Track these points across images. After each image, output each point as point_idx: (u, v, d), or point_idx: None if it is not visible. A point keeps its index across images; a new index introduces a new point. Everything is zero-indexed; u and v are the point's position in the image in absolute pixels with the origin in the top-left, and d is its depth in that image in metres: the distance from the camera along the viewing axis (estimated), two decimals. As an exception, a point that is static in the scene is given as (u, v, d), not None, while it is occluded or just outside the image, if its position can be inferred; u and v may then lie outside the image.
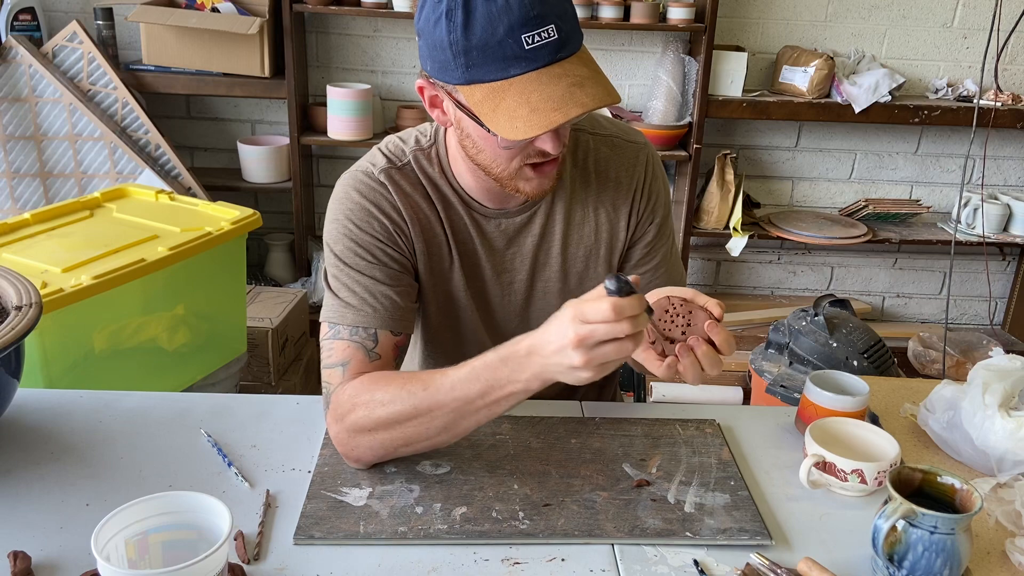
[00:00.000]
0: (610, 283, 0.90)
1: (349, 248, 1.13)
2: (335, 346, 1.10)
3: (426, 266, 1.20)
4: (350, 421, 1.03)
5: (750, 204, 3.11)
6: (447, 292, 1.23)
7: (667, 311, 1.03)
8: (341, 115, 2.78)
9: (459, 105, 1.03)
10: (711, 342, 1.00)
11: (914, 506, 0.87)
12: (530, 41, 0.95)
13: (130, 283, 1.72)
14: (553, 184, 1.12)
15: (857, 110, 2.81)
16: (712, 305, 1.01)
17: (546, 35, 0.95)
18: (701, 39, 2.77)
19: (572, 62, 0.98)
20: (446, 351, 1.28)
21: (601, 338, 0.89)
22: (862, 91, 2.81)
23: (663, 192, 1.27)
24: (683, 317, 1.02)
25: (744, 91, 2.87)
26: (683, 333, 1.01)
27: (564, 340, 0.89)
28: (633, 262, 1.27)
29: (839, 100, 2.85)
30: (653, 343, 1.03)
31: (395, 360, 1.13)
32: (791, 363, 2.29)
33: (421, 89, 1.08)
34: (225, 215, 2.03)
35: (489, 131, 1.00)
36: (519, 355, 0.94)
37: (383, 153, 1.19)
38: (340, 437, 1.04)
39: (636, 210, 1.25)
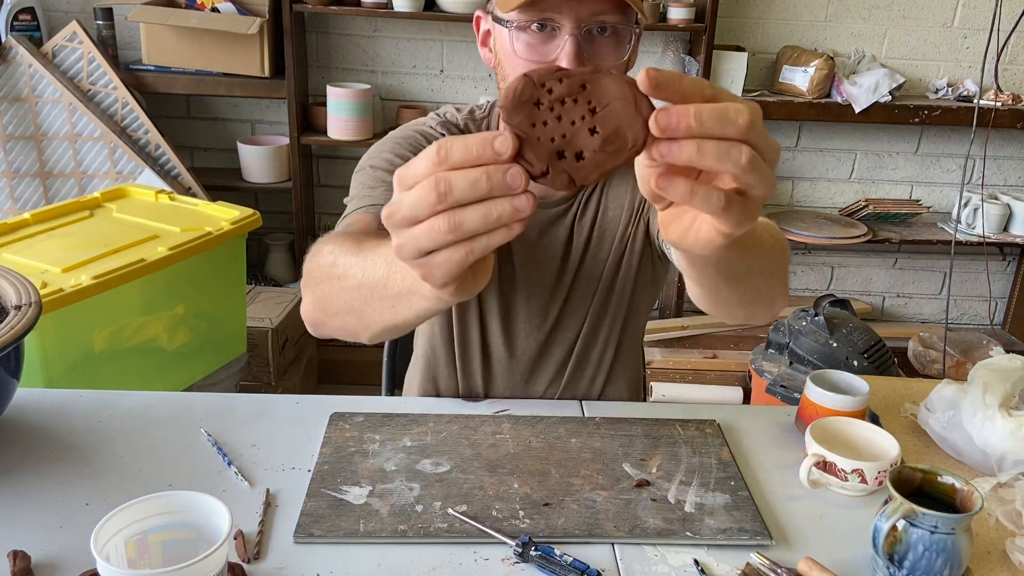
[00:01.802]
0: None
1: (386, 159, 1.11)
2: (350, 217, 1.05)
3: None
4: (305, 265, 0.97)
5: (750, 204, 3.11)
6: None
7: (538, 103, 0.58)
8: (341, 115, 2.78)
9: (489, 13, 1.06)
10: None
11: (914, 506, 0.87)
12: None
13: (130, 283, 1.72)
14: None
15: (857, 110, 2.81)
16: (644, 71, 0.57)
17: None
18: (701, 39, 2.77)
19: None
20: (455, 334, 1.27)
21: (406, 213, 0.60)
22: (862, 91, 2.81)
23: None
24: (579, 104, 0.58)
25: (744, 91, 2.87)
26: (594, 132, 0.58)
27: (383, 215, 0.65)
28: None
29: (839, 100, 2.85)
30: (543, 175, 0.59)
31: None
32: (791, 363, 2.29)
33: (478, 20, 1.12)
34: (225, 215, 2.03)
35: (504, 23, 1.01)
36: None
37: (438, 115, 1.21)
38: (301, 285, 0.99)
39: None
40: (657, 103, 0.57)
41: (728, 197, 0.58)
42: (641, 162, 0.60)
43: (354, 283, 0.86)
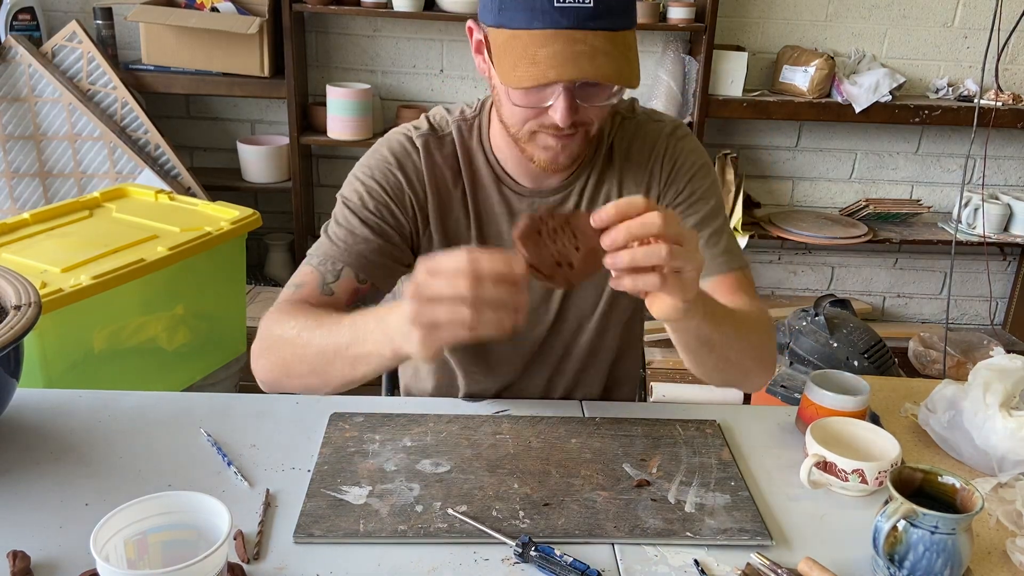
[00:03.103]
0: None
1: (357, 191, 1.15)
2: (301, 269, 1.15)
3: (440, 240, 1.19)
4: (260, 331, 1.09)
5: (750, 204, 3.11)
6: None
7: (539, 232, 0.86)
8: (341, 115, 2.78)
9: (485, 44, 1.05)
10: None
11: (915, 506, 0.87)
12: (560, 0, 0.94)
13: (130, 283, 1.72)
14: (568, 161, 1.10)
15: (857, 110, 2.81)
16: (594, 213, 0.85)
17: (578, 0, 0.94)
18: (701, 39, 2.77)
19: (598, 36, 0.96)
20: None
21: (433, 293, 0.81)
22: (862, 91, 2.81)
23: (690, 163, 1.20)
24: (566, 233, 0.86)
25: (744, 91, 2.87)
26: (578, 249, 0.86)
27: (409, 292, 0.83)
28: None
29: (839, 100, 2.85)
30: (549, 278, 0.87)
31: (349, 306, 1.12)
32: (791, 363, 2.29)
33: (471, 31, 1.11)
34: (225, 215, 2.03)
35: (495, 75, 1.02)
36: (382, 311, 0.93)
37: (428, 120, 1.21)
38: (253, 349, 1.10)
39: (658, 181, 1.20)
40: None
41: (662, 277, 0.83)
42: (607, 263, 0.85)
43: (317, 350, 1.01)
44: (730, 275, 1.17)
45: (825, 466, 1.05)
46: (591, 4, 0.95)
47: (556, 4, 0.95)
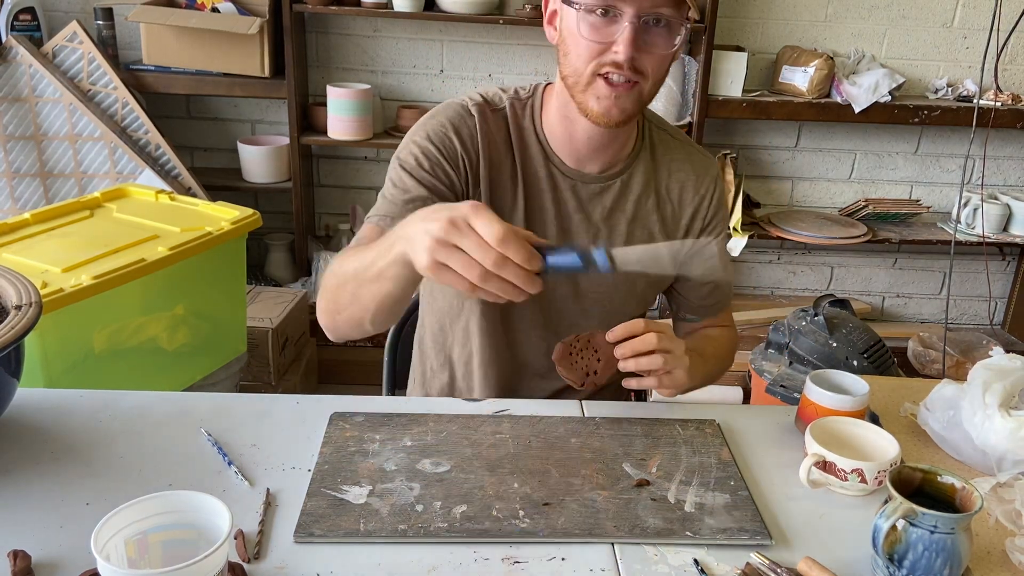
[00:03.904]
0: (565, 250, 0.91)
1: (412, 154, 1.21)
2: (363, 227, 1.20)
3: (488, 202, 1.23)
4: (320, 284, 1.16)
5: (750, 204, 3.11)
6: None
7: (571, 354, 1.14)
8: (341, 115, 2.78)
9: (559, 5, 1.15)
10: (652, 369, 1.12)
11: (914, 505, 0.87)
12: None
13: (130, 283, 1.72)
14: (621, 116, 1.15)
15: (857, 110, 2.81)
16: (608, 332, 1.12)
17: None
18: (701, 39, 2.77)
19: None
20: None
21: (459, 242, 0.87)
22: (862, 91, 2.81)
23: (726, 208, 1.36)
24: (589, 350, 1.14)
25: (744, 91, 2.87)
26: (599, 361, 1.13)
27: (441, 215, 0.89)
28: (694, 281, 1.35)
29: (839, 100, 2.85)
30: (582, 385, 1.14)
31: None
32: (791, 363, 2.29)
33: (546, 1, 1.20)
34: (225, 215, 2.03)
35: (573, 4, 1.10)
36: (406, 221, 0.95)
37: (481, 94, 1.27)
38: (317, 303, 1.16)
39: (701, 216, 1.32)
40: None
41: (659, 377, 1.14)
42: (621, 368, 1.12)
43: (353, 272, 1.05)
44: (720, 315, 1.42)
45: (824, 466, 1.05)
46: None
47: None
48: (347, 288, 1.07)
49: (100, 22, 2.77)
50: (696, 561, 0.93)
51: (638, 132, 1.29)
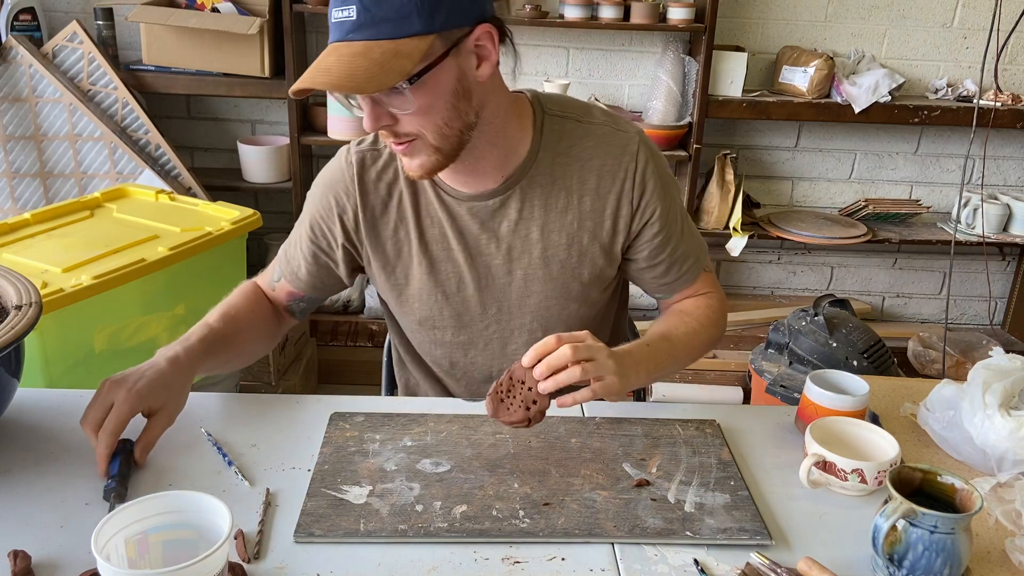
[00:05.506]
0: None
1: (304, 212, 1.32)
2: (273, 261, 1.40)
3: (378, 245, 1.26)
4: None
5: (750, 204, 3.11)
6: (407, 273, 1.27)
7: (503, 400, 1.07)
8: (341, 115, 2.78)
9: None
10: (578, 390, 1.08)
11: (914, 505, 0.87)
12: (335, 16, 1.04)
13: (130, 283, 1.72)
14: (421, 171, 1.13)
15: (857, 110, 2.81)
16: (522, 360, 1.06)
17: (345, 14, 1.02)
18: (701, 39, 2.77)
19: (352, 46, 1.02)
20: (412, 328, 1.33)
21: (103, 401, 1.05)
22: (862, 91, 2.81)
23: (659, 181, 1.24)
24: (516, 385, 1.07)
25: (744, 91, 2.87)
26: (531, 390, 1.06)
27: (126, 382, 1.07)
28: (641, 264, 1.29)
29: (839, 100, 2.85)
30: (529, 421, 1.07)
31: (286, 303, 1.38)
32: (791, 363, 2.30)
33: None
34: (225, 215, 2.03)
35: None
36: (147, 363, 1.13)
37: (368, 139, 1.27)
38: None
39: (628, 199, 1.23)
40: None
41: (592, 391, 1.06)
42: (541, 390, 1.05)
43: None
44: (691, 287, 1.33)
45: (824, 466, 1.05)
46: (353, 16, 1.02)
47: (332, 20, 1.04)
48: None
49: (100, 22, 2.77)
50: (696, 561, 0.93)
51: (533, 129, 1.21)
